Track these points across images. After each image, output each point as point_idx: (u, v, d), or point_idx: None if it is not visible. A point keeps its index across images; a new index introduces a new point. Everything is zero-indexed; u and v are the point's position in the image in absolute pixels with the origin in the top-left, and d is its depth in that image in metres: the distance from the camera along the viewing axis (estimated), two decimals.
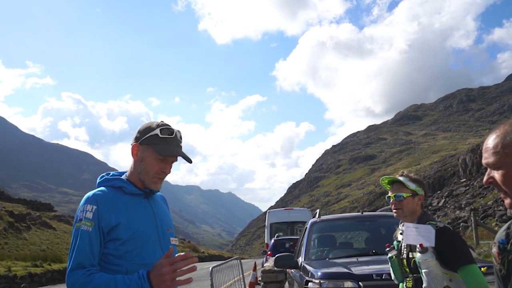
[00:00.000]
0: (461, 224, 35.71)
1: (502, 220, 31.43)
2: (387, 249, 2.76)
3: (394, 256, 2.70)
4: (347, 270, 3.96)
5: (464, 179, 58.13)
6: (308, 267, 4.39)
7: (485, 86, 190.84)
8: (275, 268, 8.70)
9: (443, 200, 53.62)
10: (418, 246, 2.47)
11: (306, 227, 5.62)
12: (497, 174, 1.36)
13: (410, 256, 2.60)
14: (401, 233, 2.71)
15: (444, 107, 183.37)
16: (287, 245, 14.22)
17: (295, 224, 18.67)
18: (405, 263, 2.62)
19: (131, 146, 2.04)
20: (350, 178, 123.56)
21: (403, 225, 2.69)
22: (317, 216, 5.66)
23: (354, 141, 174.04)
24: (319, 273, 3.97)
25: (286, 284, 6.55)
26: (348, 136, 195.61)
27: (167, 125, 2.05)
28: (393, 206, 2.69)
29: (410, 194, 2.66)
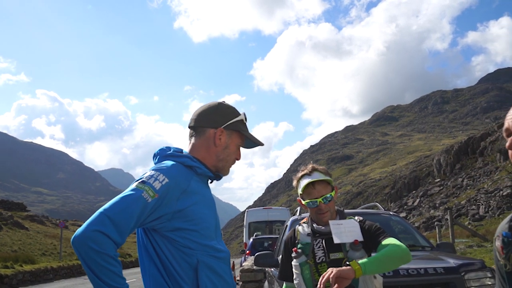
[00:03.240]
0: (435, 223, 36.38)
1: (474, 219, 32.11)
2: (294, 254, 2.28)
3: (309, 261, 2.24)
4: None
5: (439, 179, 59.31)
6: None
7: (459, 88, 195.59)
8: (254, 267, 8.59)
9: (418, 200, 54.55)
10: (348, 244, 2.17)
11: (287, 225, 5.53)
12: None
13: (333, 257, 2.20)
14: (308, 234, 2.32)
15: (419, 109, 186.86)
16: (265, 244, 14.16)
17: (273, 223, 18.62)
18: (326, 267, 2.17)
19: (206, 131, 1.78)
20: None
21: (312, 226, 2.33)
22: (297, 214, 5.56)
23: (332, 141, 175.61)
24: None
25: (266, 283, 6.45)
26: (326, 136, 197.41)
27: (230, 105, 1.87)
28: (320, 211, 2.27)
29: (334, 191, 2.32)
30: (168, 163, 1.67)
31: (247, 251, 14.22)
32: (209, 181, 1.83)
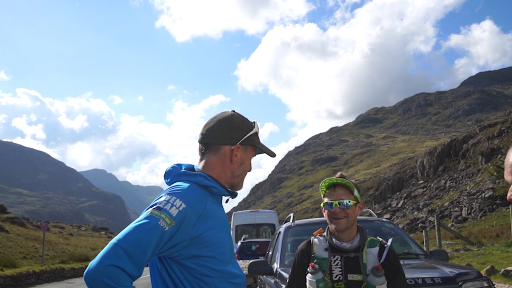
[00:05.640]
0: (419, 225, 36.81)
1: (457, 221, 32.60)
2: (311, 269, 2.25)
3: (326, 279, 2.21)
4: None
5: (422, 181, 60.10)
6: (284, 274, 4.23)
7: (441, 91, 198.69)
8: (244, 272, 8.50)
9: (402, 201, 55.13)
10: (371, 269, 2.16)
11: (280, 232, 5.47)
12: None
13: (351, 278, 2.18)
14: (325, 249, 2.28)
15: (403, 111, 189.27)
16: (253, 247, 14.06)
17: (260, 226, 18.53)
18: (343, 287, 2.19)
19: (221, 148, 1.70)
20: (312, 180, 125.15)
21: (331, 240, 2.29)
22: (291, 220, 5.51)
23: (317, 143, 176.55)
24: None
25: None
26: (310, 138, 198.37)
27: (242, 116, 1.80)
28: (335, 215, 2.24)
29: (355, 202, 2.27)
30: (184, 185, 1.58)
31: (236, 255, 14.12)
32: (224, 198, 1.78)
